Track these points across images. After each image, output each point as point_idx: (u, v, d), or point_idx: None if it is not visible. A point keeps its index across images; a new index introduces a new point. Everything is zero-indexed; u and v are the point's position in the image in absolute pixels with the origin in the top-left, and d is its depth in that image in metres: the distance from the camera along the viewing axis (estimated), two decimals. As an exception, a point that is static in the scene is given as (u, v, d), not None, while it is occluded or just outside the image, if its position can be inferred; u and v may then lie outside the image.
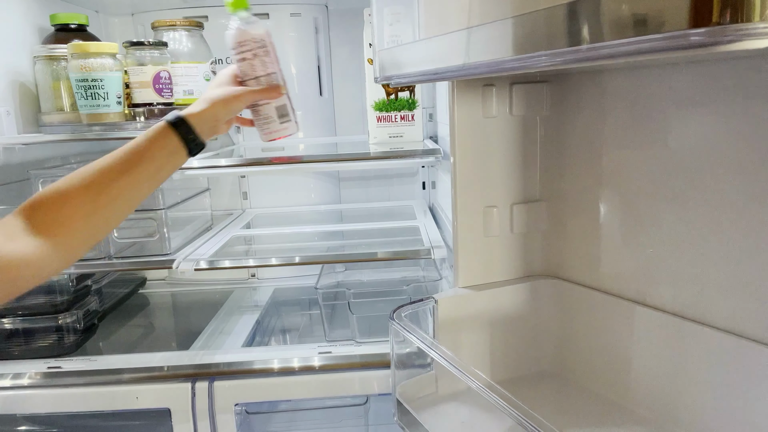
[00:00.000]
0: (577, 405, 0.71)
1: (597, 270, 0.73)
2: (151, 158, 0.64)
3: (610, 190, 0.71)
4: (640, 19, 0.32)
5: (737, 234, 0.57)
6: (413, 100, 1.06)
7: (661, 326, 0.65)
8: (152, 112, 0.99)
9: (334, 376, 0.89)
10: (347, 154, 0.98)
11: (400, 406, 0.70)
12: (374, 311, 1.00)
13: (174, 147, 0.66)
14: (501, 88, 0.73)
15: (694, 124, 0.60)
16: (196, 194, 1.22)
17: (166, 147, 0.65)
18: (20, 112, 1.01)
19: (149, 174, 0.64)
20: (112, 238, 0.97)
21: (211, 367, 0.90)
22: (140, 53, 0.98)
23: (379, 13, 0.66)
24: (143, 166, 0.63)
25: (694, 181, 0.60)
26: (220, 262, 0.95)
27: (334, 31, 1.33)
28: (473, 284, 0.76)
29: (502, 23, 0.44)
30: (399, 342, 0.68)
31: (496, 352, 0.76)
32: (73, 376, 0.88)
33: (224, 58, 1.28)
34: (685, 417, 0.63)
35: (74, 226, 0.59)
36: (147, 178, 0.64)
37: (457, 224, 0.74)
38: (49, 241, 0.56)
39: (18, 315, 0.98)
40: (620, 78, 0.67)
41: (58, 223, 0.58)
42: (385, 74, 0.66)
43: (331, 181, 1.38)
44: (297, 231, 1.19)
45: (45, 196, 0.58)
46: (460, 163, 0.73)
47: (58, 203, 0.58)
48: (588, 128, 0.72)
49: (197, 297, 1.31)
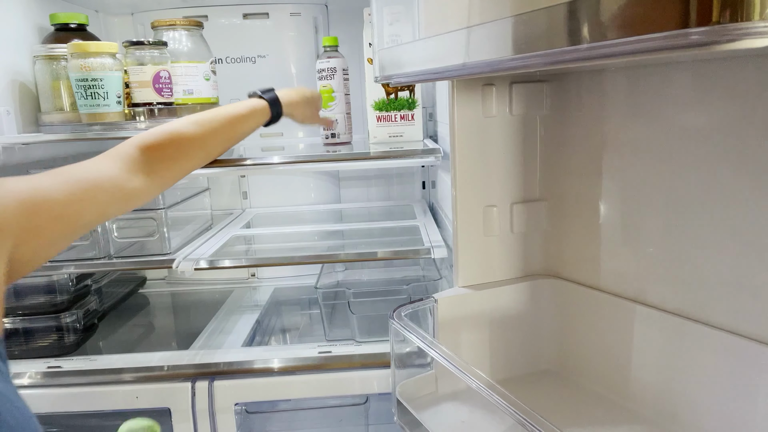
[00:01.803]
0: (577, 404, 0.71)
1: (597, 269, 0.74)
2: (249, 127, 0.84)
3: (609, 190, 0.71)
4: (640, 18, 0.32)
5: (737, 233, 0.57)
6: (413, 99, 1.06)
7: (660, 325, 0.65)
8: (152, 111, 0.99)
9: (334, 376, 0.89)
10: (347, 153, 0.98)
11: (400, 406, 0.70)
12: (374, 311, 1.00)
13: (263, 119, 0.86)
14: (501, 88, 0.73)
15: (694, 124, 0.60)
16: (195, 194, 1.22)
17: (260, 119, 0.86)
18: (20, 112, 1.01)
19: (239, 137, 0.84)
20: (112, 238, 0.97)
21: (211, 366, 0.90)
22: (140, 53, 0.98)
23: (379, 12, 0.66)
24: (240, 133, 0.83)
25: (694, 180, 0.60)
26: (219, 262, 0.95)
27: (333, 30, 1.33)
28: (473, 284, 0.76)
29: (502, 22, 0.44)
30: (399, 341, 0.68)
31: (496, 351, 0.76)
32: (73, 375, 0.88)
33: (224, 57, 1.28)
34: (684, 416, 0.63)
35: (180, 174, 0.75)
36: (236, 141, 0.84)
37: (457, 224, 0.74)
38: (157, 180, 0.70)
39: (18, 315, 0.98)
40: (620, 77, 0.67)
41: (171, 169, 0.73)
42: (384, 74, 0.66)
43: (331, 180, 1.38)
44: (297, 230, 1.19)
45: (167, 139, 0.72)
46: (460, 162, 0.73)
47: (175, 156, 0.73)
48: (588, 127, 0.72)
49: (197, 297, 1.31)
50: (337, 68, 1.07)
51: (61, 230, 0.57)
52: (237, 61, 1.29)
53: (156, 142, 0.71)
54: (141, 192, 0.68)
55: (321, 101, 1.02)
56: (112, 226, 0.97)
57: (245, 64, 1.29)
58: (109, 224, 0.97)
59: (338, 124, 1.09)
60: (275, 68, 1.30)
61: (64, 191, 0.58)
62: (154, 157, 0.70)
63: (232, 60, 1.29)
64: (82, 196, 0.59)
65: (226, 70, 1.27)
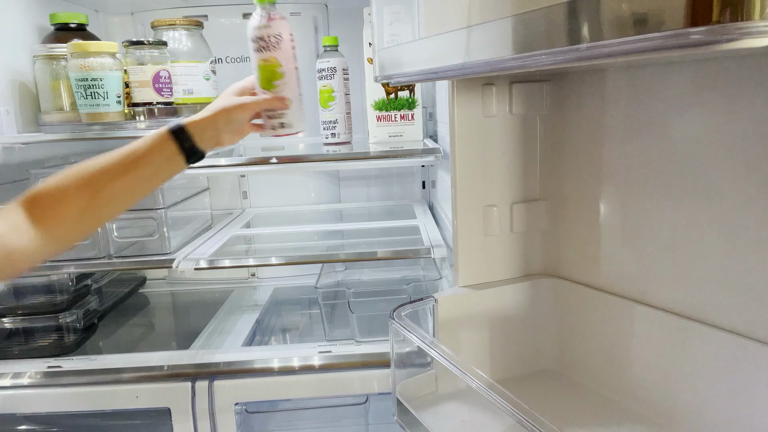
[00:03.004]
0: (577, 404, 0.71)
1: (597, 269, 0.73)
2: (149, 163, 0.65)
3: (609, 189, 0.71)
4: (640, 18, 0.32)
5: (737, 233, 0.57)
6: (413, 99, 1.06)
7: (660, 325, 0.65)
8: (152, 111, 0.99)
9: (334, 376, 0.89)
10: (347, 153, 0.98)
11: (400, 405, 0.70)
12: (374, 310, 1.00)
13: (171, 154, 0.66)
14: (501, 87, 0.73)
15: (694, 123, 0.60)
16: (195, 193, 1.22)
17: (164, 153, 0.66)
18: (20, 112, 1.01)
19: (145, 178, 0.65)
20: (112, 238, 0.97)
21: (211, 366, 0.89)
22: (140, 52, 0.98)
23: (379, 12, 0.66)
24: (140, 170, 0.64)
25: (694, 179, 0.60)
26: (219, 262, 0.95)
27: (333, 30, 1.33)
28: (473, 283, 0.76)
29: (502, 22, 0.44)
30: (399, 341, 0.68)
31: (496, 351, 0.76)
32: (73, 375, 0.88)
33: (224, 57, 1.28)
34: (684, 415, 0.63)
35: (68, 221, 0.62)
36: (142, 182, 0.66)
37: (457, 223, 0.74)
38: (46, 235, 0.60)
39: (18, 314, 0.98)
40: (620, 77, 0.67)
41: (55, 218, 0.60)
42: (384, 73, 0.66)
43: (331, 180, 1.38)
44: (297, 230, 1.19)
45: (44, 192, 0.61)
46: (459, 162, 0.73)
47: (55, 199, 0.61)
48: (588, 127, 0.72)
49: (197, 296, 1.31)
50: (337, 68, 1.06)
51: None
52: (237, 60, 1.29)
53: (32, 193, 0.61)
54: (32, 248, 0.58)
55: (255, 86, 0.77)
56: (112, 225, 0.97)
57: (245, 63, 1.29)
58: (109, 224, 0.97)
59: (338, 124, 1.08)
60: (275, 68, 1.30)
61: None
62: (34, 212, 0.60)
63: (232, 60, 1.29)
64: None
65: (226, 70, 1.27)
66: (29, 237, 0.58)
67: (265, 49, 0.76)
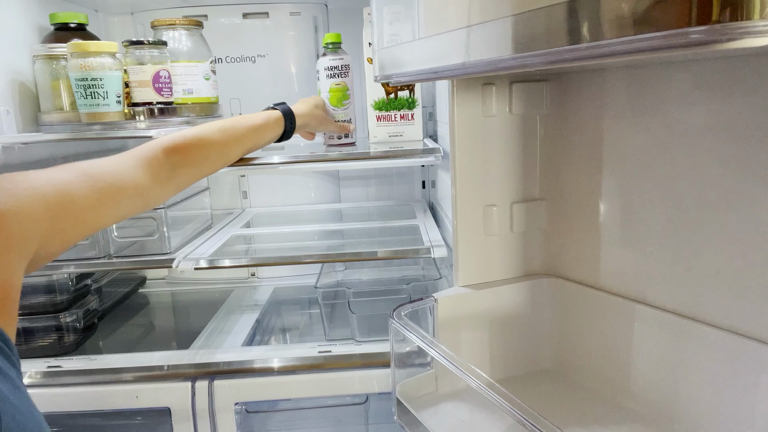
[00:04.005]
0: (577, 403, 0.71)
1: (597, 269, 0.74)
2: (268, 130, 0.87)
3: (609, 189, 0.71)
4: (640, 18, 0.32)
5: (737, 233, 0.57)
6: (413, 99, 1.06)
7: (660, 325, 0.65)
8: (152, 111, 0.99)
9: (334, 375, 0.89)
10: (347, 153, 0.98)
11: (400, 405, 0.70)
12: (374, 310, 1.00)
13: (278, 131, 0.89)
14: (501, 87, 0.73)
15: (694, 123, 0.60)
16: (195, 193, 1.22)
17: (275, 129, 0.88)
18: (20, 112, 1.01)
19: (257, 143, 0.86)
20: (112, 238, 0.97)
21: (211, 366, 0.89)
22: (140, 52, 0.98)
23: (379, 12, 0.66)
24: (259, 136, 0.85)
25: (693, 179, 0.60)
26: (219, 261, 0.95)
27: (333, 30, 1.33)
28: (473, 283, 0.76)
29: (502, 21, 0.44)
30: (399, 341, 0.68)
31: (496, 350, 0.76)
32: (73, 375, 0.88)
33: (224, 57, 1.28)
34: (684, 415, 0.63)
35: (201, 173, 0.78)
36: (254, 146, 0.86)
37: (457, 223, 0.74)
38: (177, 185, 0.72)
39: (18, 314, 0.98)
40: (620, 76, 0.67)
41: (193, 170, 0.75)
42: (384, 73, 0.66)
43: (331, 180, 1.38)
44: (297, 230, 1.19)
45: (193, 143, 0.74)
46: (459, 162, 0.73)
47: (200, 153, 0.75)
48: (588, 127, 0.72)
49: (197, 296, 1.31)
50: (349, 65, 1.06)
51: (82, 231, 0.58)
52: (237, 60, 1.29)
53: (183, 146, 0.72)
54: (161, 198, 0.70)
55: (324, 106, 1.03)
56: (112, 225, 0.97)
57: (245, 63, 1.29)
58: (109, 224, 0.96)
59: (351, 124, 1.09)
60: (275, 68, 1.30)
61: (91, 196, 0.58)
62: (179, 161, 0.72)
63: (231, 59, 1.29)
64: (107, 202, 0.61)
65: (225, 70, 1.27)
66: (163, 187, 0.69)
67: (338, 76, 1.04)
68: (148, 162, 0.68)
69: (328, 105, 1.06)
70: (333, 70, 1.05)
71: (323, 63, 1.05)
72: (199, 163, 0.76)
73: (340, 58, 1.05)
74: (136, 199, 0.66)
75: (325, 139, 1.11)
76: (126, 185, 0.64)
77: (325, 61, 1.05)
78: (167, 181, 0.70)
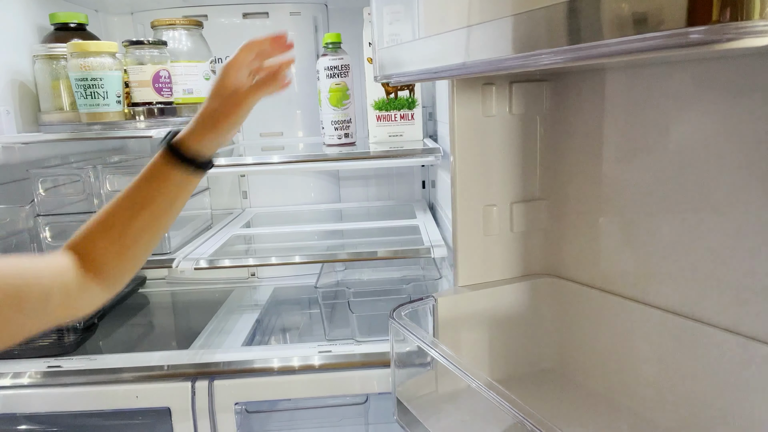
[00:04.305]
0: (577, 403, 0.71)
1: (596, 268, 0.73)
2: (164, 195, 0.63)
3: (609, 189, 0.71)
4: (640, 18, 0.32)
5: (737, 232, 0.57)
6: (413, 99, 1.06)
7: (660, 325, 0.65)
8: (152, 111, 0.99)
9: (334, 375, 0.89)
10: (347, 153, 0.98)
11: (400, 405, 0.70)
12: (374, 310, 1.00)
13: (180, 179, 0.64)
14: (501, 87, 0.73)
15: (693, 123, 0.60)
16: (195, 193, 1.22)
17: (172, 181, 0.63)
18: (20, 112, 1.01)
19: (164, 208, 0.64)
20: (111, 238, 0.97)
21: (211, 366, 0.89)
22: (140, 52, 0.98)
23: (379, 12, 0.66)
24: (156, 204, 0.62)
25: (693, 179, 0.60)
26: (219, 261, 0.95)
27: (333, 29, 1.33)
28: (473, 283, 0.76)
29: (502, 21, 0.44)
30: (399, 341, 0.68)
31: (496, 350, 0.76)
32: (73, 375, 0.88)
33: (224, 57, 1.27)
34: (684, 415, 0.63)
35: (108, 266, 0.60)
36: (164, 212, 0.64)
37: (457, 223, 0.74)
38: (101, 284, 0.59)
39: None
40: (620, 76, 0.67)
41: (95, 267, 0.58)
42: (384, 73, 0.66)
43: (331, 180, 1.38)
44: (297, 230, 1.19)
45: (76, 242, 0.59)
46: (459, 162, 0.73)
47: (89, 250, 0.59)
48: (587, 127, 0.72)
49: (197, 296, 1.31)
50: (350, 65, 1.06)
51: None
52: (237, 60, 1.28)
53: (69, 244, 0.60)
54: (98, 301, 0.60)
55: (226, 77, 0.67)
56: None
57: (245, 63, 1.29)
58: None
59: (351, 123, 1.09)
60: (275, 68, 1.30)
61: None
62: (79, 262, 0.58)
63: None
64: None
65: (225, 70, 1.27)
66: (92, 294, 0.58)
67: (338, 76, 1.04)
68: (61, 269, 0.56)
69: (327, 105, 1.06)
70: (333, 70, 1.06)
71: (323, 63, 1.05)
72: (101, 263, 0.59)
73: (340, 58, 1.05)
74: None
75: (325, 139, 1.11)
76: None
77: (325, 61, 1.05)
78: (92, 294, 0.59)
